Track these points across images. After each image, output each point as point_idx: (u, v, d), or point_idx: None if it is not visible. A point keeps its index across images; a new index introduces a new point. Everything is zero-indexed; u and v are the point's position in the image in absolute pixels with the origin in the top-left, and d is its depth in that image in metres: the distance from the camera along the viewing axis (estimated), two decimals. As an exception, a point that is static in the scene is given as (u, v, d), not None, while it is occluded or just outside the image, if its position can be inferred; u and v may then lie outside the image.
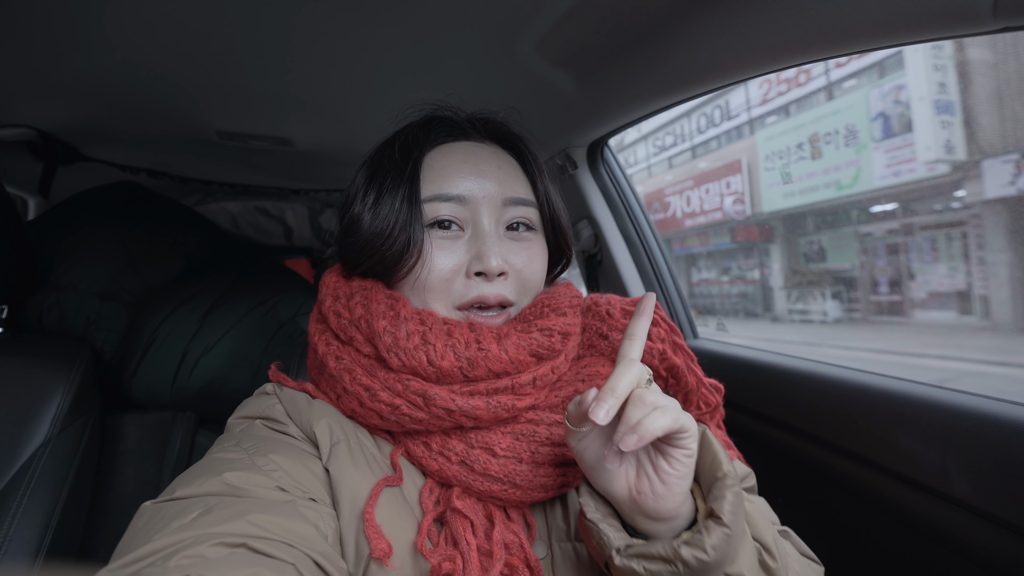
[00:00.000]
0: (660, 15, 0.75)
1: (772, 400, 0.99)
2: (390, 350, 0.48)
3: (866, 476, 0.81)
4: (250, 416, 0.52)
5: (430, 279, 0.52)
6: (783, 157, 5.65)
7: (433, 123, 0.59)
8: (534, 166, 0.59)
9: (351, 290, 0.54)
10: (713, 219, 7.03)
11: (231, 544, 0.35)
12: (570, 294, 0.58)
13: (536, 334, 0.50)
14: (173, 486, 0.42)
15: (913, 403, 0.74)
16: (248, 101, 1.09)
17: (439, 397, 0.47)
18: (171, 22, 0.78)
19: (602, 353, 0.59)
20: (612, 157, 1.34)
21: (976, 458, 0.66)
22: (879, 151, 4.37)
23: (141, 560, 0.34)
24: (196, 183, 1.68)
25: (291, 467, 0.45)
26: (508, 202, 0.55)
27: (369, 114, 1.14)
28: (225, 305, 1.22)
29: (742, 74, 0.81)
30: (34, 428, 0.87)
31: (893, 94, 4.20)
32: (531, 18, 0.78)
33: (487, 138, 0.60)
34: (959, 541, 0.68)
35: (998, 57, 2.59)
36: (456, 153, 0.56)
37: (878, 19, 0.59)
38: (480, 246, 0.52)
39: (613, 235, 1.35)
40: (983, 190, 3.06)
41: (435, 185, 0.53)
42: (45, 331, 1.12)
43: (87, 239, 1.20)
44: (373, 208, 0.53)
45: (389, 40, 0.84)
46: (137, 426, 1.16)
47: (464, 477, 0.48)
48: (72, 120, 1.17)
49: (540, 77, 0.96)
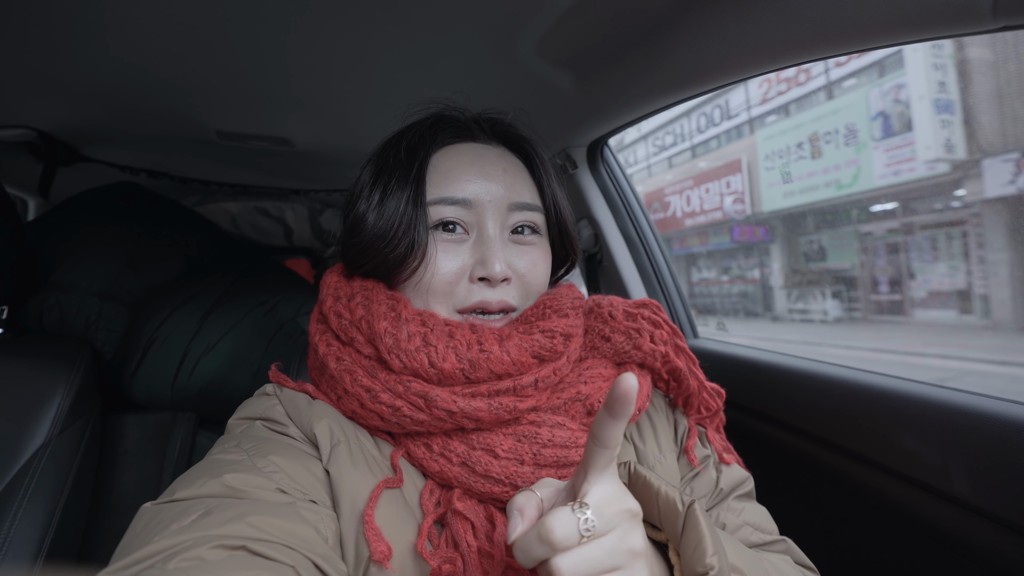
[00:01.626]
0: (660, 15, 0.75)
1: (772, 399, 0.99)
2: (391, 351, 0.48)
3: (866, 475, 0.80)
4: (250, 417, 0.52)
5: (433, 282, 0.51)
6: (783, 156, 5.65)
7: (440, 123, 0.58)
8: (541, 169, 0.59)
9: (352, 290, 0.54)
10: (713, 218, 7.03)
11: (231, 546, 0.35)
12: (572, 295, 0.57)
13: (538, 335, 0.50)
14: (173, 487, 0.42)
15: (913, 402, 0.74)
16: (248, 101, 1.09)
17: (440, 399, 0.47)
18: (171, 22, 0.78)
19: (604, 355, 0.58)
20: (612, 157, 1.34)
21: (976, 457, 0.66)
22: (879, 150, 4.37)
23: (141, 562, 0.34)
24: (196, 183, 1.68)
25: (291, 469, 0.45)
26: (514, 206, 0.54)
27: (369, 114, 1.14)
28: (225, 305, 1.22)
29: (742, 73, 0.81)
30: (34, 429, 0.87)
31: (893, 93, 4.20)
32: (531, 18, 0.78)
33: (494, 140, 0.60)
34: (959, 540, 0.68)
35: (998, 56, 2.59)
36: (463, 155, 0.56)
37: (878, 18, 0.59)
38: (484, 251, 0.52)
39: (613, 235, 1.35)
40: (983, 189, 3.06)
41: (441, 188, 0.53)
42: (45, 332, 1.12)
43: (87, 240, 1.20)
44: (378, 208, 0.53)
45: (389, 40, 0.84)
46: (137, 427, 1.16)
47: (465, 478, 0.48)
48: (72, 121, 1.17)
49: (540, 77, 0.96)
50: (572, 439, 0.50)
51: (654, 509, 0.40)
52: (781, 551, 0.56)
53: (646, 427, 0.60)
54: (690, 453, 0.59)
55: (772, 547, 0.56)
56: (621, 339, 0.58)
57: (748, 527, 0.56)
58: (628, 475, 0.42)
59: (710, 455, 0.60)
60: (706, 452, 0.60)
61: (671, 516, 0.39)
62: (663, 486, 0.40)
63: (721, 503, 0.57)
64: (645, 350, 0.57)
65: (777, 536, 0.57)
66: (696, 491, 0.58)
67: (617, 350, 0.58)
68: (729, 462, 0.60)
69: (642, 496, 0.41)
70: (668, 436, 0.61)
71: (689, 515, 0.38)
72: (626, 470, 0.42)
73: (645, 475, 0.41)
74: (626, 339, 0.58)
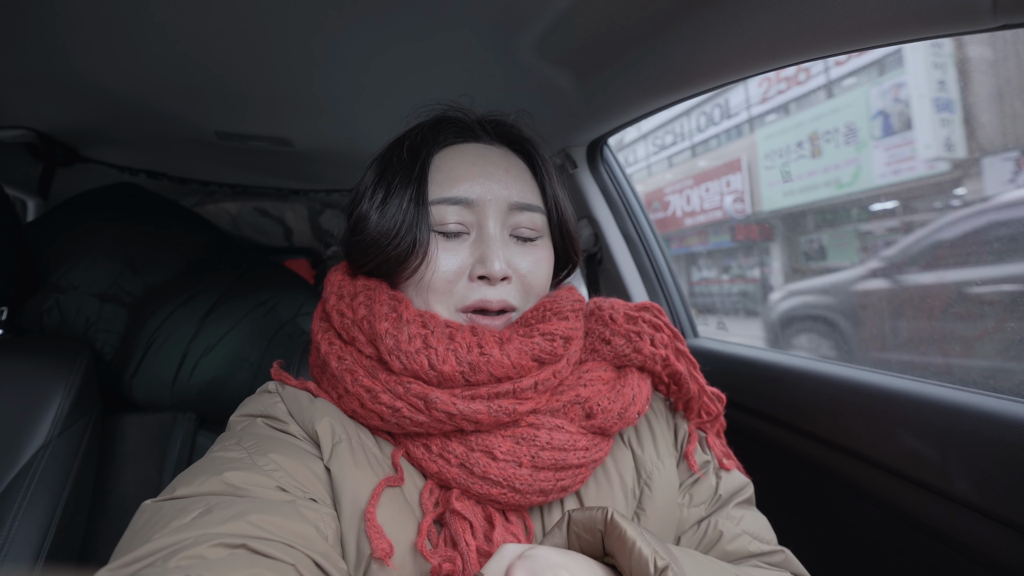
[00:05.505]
0: (660, 13, 0.75)
1: (772, 399, 0.99)
2: (391, 353, 0.48)
3: (866, 474, 0.80)
4: (251, 414, 0.52)
5: (434, 280, 0.52)
6: (783, 155, 5.65)
7: (443, 124, 0.58)
8: (543, 170, 0.59)
9: (355, 289, 0.54)
10: (713, 218, 7.02)
11: (231, 545, 0.35)
12: (572, 298, 0.57)
13: (538, 338, 0.50)
14: (173, 485, 0.42)
15: (913, 401, 0.74)
16: (247, 101, 1.09)
17: (440, 401, 0.47)
18: (169, 23, 0.78)
19: (604, 358, 0.58)
20: (612, 156, 1.34)
21: (977, 455, 0.66)
22: (879, 149, 4.36)
23: (140, 560, 0.34)
24: (195, 184, 1.68)
25: (292, 467, 0.45)
26: (515, 207, 0.55)
27: (369, 114, 1.14)
28: (225, 306, 1.22)
29: (742, 72, 0.81)
30: (34, 429, 0.87)
31: (893, 92, 4.19)
32: (531, 17, 0.78)
33: (497, 140, 0.60)
34: (960, 539, 0.68)
35: (998, 55, 2.59)
36: (465, 155, 0.56)
37: (878, 17, 0.59)
38: (484, 249, 0.52)
39: (613, 234, 1.35)
40: (983, 188, 3.06)
41: (443, 187, 0.53)
42: (45, 332, 1.12)
43: (87, 241, 1.20)
44: (381, 207, 0.53)
45: (388, 39, 0.84)
46: (138, 427, 1.16)
47: (463, 480, 0.48)
48: (71, 121, 1.17)
49: (540, 76, 0.96)
50: (570, 442, 0.50)
51: (625, 561, 0.37)
52: (779, 562, 0.55)
53: (645, 432, 0.60)
54: (690, 458, 0.59)
55: (770, 557, 0.55)
56: (621, 342, 0.58)
57: (746, 536, 0.55)
58: (605, 522, 0.39)
59: (710, 461, 0.60)
60: (706, 458, 0.60)
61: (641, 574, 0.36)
62: (638, 541, 0.37)
63: (720, 510, 0.57)
64: (645, 353, 0.57)
65: (776, 547, 0.56)
66: (696, 497, 0.58)
67: (617, 353, 0.58)
68: (729, 468, 0.60)
69: (616, 546, 0.38)
70: (667, 441, 0.60)
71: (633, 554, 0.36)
72: (603, 516, 0.39)
73: (623, 527, 0.38)
74: (626, 342, 0.58)
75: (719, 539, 0.55)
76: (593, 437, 0.52)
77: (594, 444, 0.52)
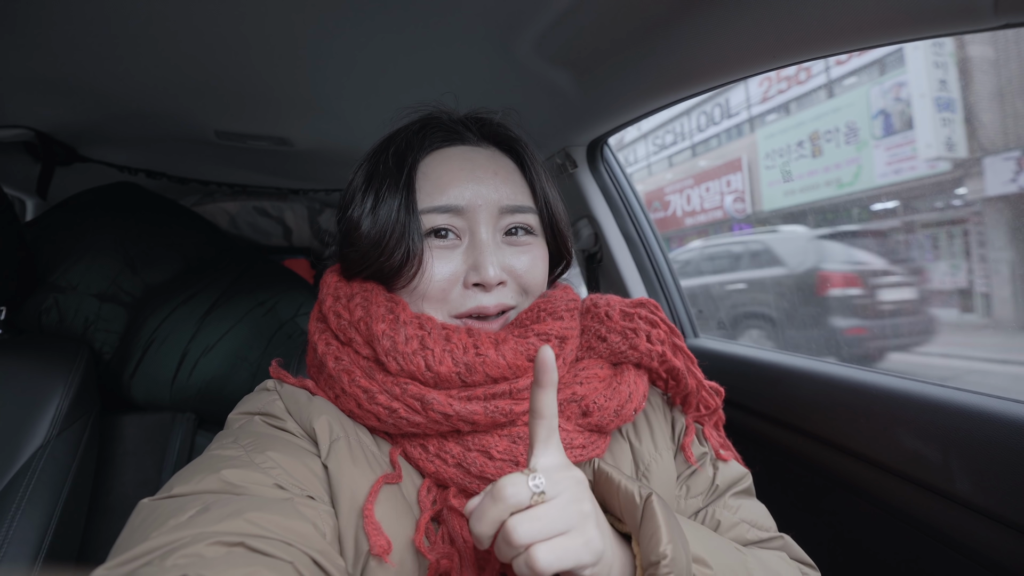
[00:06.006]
0: (660, 13, 0.75)
1: (772, 398, 0.99)
2: (388, 354, 0.48)
3: (866, 474, 0.80)
4: (250, 412, 0.52)
5: (429, 289, 0.52)
6: (783, 155, 5.64)
7: (428, 127, 0.58)
8: (533, 170, 0.59)
9: (352, 291, 0.54)
10: (713, 217, 7.02)
11: (229, 543, 0.35)
12: (567, 297, 0.57)
13: (533, 339, 0.50)
14: (171, 483, 0.42)
15: (913, 401, 0.74)
16: (246, 101, 1.09)
17: (437, 402, 0.47)
18: (169, 22, 0.78)
19: (600, 355, 0.58)
20: (612, 156, 1.34)
21: (977, 456, 0.66)
22: (880, 149, 4.36)
23: (138, 559, 0.34)
24: (195, 183, 1.67)
25: (289, 464, 0.45)
26: (505, 209, 0.54)
27: (368, 113, 1.14)
28: (224, 306, 1.22)
29: (742, 72, 0.80)
30: (33, 429, 0.86)
31: (894, 91, 4.18)
32: (531, 17, 0.78)
33: (484, 141, 0.59)
34: (960, 539, 0.68)
35: (999, 54, 2.58)
36: (452, 160, 0.55)
37: (879, 16, 0.59)
38: (477, 256, 0.52)
39: (613, 234, 1.35)
40: (984, 187, 3.06)
41: (432, 195, 0.53)
42: (44, 332, 1.12)
43: (85, 240, 1.19)
44: (371, 215, 0.53)
45: (388, 39, 0.84)
46: (137, 427, 1.16)
47: (460, 479, 0.48)
48: (70, 121, 1.16)
49: (540, 76, 0.96)
50: (567, 440, 0.50)
51: (615, 502, 0.42)
52: (778, 547, 0.55)
53: (642, 426, 0.60)
54: (687, 451, 0.59)
55: (769, 544, 0.55)
56: (617, 339, 0.57)
57: (745, 524, 0.56)
58: (593, 472, 0.45)
59: (707, 452, 0.60)
60: (703, 449, 0.60)
61: (630, 508, 0.41)
62: (623, 480, 0.42)
63: (718, 500, 0.57)
64: (641, 350, 0.57)
65: (775, 533, 0.57)
66: (693, 488, 0.58)
67: (613, 350, 0.58)
68: (726, 459, 0.60)
69: (606, 491, 0.43)
70: (665, 434, 0.61)
71: (646, 507, 0.40)
72: (591, 467, 0.45)
73: (607, 471, 0.44)
74: (622, 339, 0.57)
75: (716, 528, 0.55)
76: (590, 435, 0.52)
77: (591, 442, 0.52)
